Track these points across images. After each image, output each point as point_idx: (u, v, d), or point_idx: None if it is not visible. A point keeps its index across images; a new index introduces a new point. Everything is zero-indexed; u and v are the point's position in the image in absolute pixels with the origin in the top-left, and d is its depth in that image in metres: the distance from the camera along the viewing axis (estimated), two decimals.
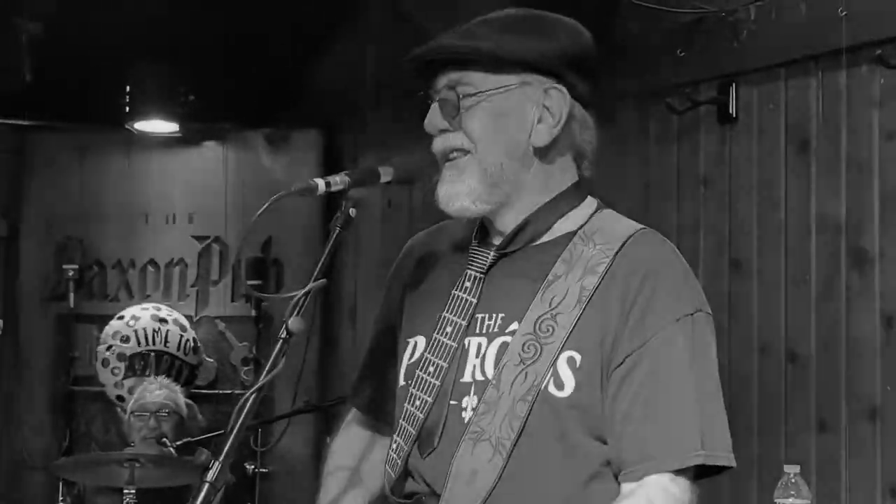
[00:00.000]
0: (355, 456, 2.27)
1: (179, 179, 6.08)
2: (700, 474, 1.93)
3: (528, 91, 1.97)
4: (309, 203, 5.32)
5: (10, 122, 6.03)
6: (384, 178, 1.97)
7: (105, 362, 5.77)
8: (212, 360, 5.94)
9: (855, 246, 3.64)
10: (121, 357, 5.75)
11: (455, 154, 1.98)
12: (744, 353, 3.85)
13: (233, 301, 6.01)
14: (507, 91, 1.96)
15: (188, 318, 5.99)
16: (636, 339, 1.91)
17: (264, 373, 1.84)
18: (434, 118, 1.99)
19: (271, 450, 5.39)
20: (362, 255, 5.84)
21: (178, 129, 5.88)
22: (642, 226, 2.01)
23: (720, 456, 1.90)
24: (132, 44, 5.69)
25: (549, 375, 1.93)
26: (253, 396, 1.81)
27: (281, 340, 1.86)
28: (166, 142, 6.06)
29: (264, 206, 1.87)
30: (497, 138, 1.98)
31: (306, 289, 1.87)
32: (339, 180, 1.90)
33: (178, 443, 4.75)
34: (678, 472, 1.88)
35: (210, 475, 1.74)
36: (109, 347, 5.79)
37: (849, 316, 3.66)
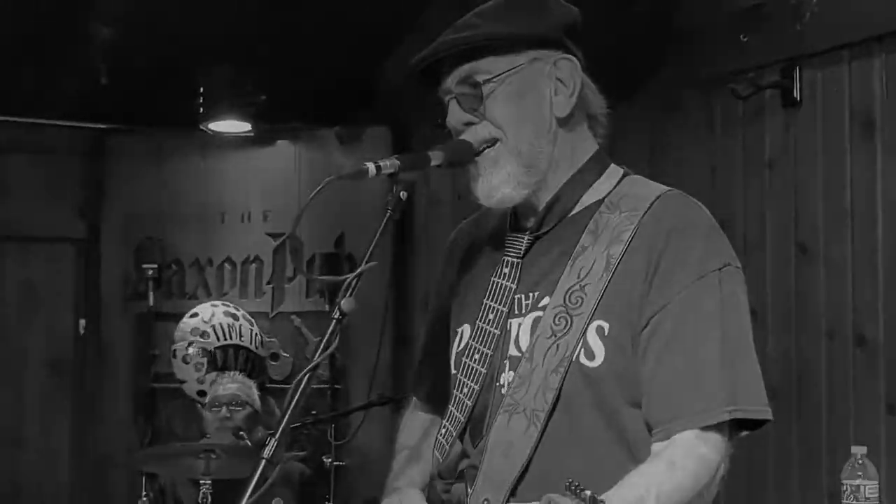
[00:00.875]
0: (418, 436, 2.33)
1: (253, 178, 6.21)
2: (741, 428, 1.96)
3: (540, 66, 2.02)
4: (381, 199, 5.57)
5: (87, 125, 6.19)
6: (434, 162, 1.99)
7: (186, 359, 5.87)
8: (288, 355, 6.04)
9: None
10: (202, 353, 5.85)
11: (485, 147, 2.02)
12: (811, 336, 3.79)
13: (307, 297, 6.09)
14: (520, 70, 2.01)
15: (264, 314, 6.10)
16: (660, 299, 1.94)
17: (319, 351, 1.87)
18: (456, 114, 2.03)
19: (348, 443, 5.45)
20: (434, 250, 5.70)
21: (251, 128, 5.98)
22: (668, 188, 2.05)
23: (752, 409, 1.93)
24: (205, 46, 5.78)
25: (579, 346, 1.96)
26: (308, 375, 1.86)
27: (334, 321, 1.88)
28: (240, 141, 6.18)
29: (317, 189, 1.90)
30: (523, 119, 2.02)
31: (358, 271, 1.90)
32: (389, 164, 1.94)
33: (250, 436, 4.81)
34: (707, 429, 1.91)
35: (266, 451, 1.79)
36: (190, 344, 5.89)
37: None
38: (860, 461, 3.11)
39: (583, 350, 1.98)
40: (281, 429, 1.82)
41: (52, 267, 6.30)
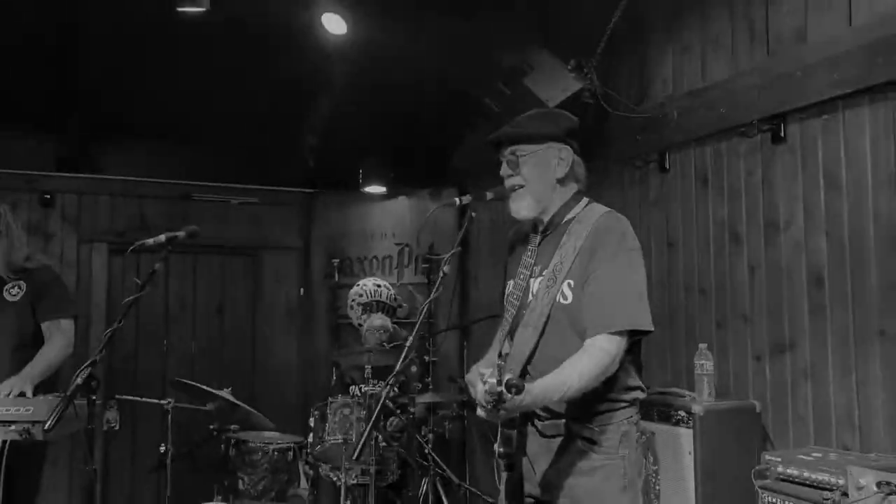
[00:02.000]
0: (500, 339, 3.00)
1: (387, 216, 7.63)
2: (636, 335, 2.64)
3: (551, 150, 2.75)
4: (452, 227, 7.22)
5: (301, 189, 7.86)
6: (489, 197, 2.75)
7: (352, 307, 7.37)
8: (405, 306, 7.43)
9: None
10: (359, 304, 7.31)
11: (517, 188, 2.75)
12: None
13: (416, 275, 7.54)
14: (539, 152, 2.75)
15: (393, 284, 7.38)
16: (593, 264, 2.62)
17: (433, 292, 2.66)
18: (505, 169, 2.75)
19: (438, 349, 7.16)
20: (480, 251, 7.22)
21: (385, 190, 7.55)
22: (608, 209, 2.74)
23: (639, 324, 2.60)
24: (362, 147, 7.39)
25: (559, 293, 2.65)
26: (428, 304, 2.68)
27: (441, 275, 2.63)
28: (379, 197, 7.65)
29: (433, 210, 2.76)
30: (538, 177, 2.75)
31: (451, 252, 2.70)
32: (467, 198, 2.76)
33: (390, 345, 6.13)
34: (612, 334, 2.57)
35: (409, 341, 2.55)
36: (353, 300, 7.35)
37: None
38: None
39: (560, 295, 2.64)
40: (415, 331, 2.58)
41: (287, 262, 7.84)
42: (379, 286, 7.36)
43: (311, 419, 5.70)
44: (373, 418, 2.75)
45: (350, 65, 6.20)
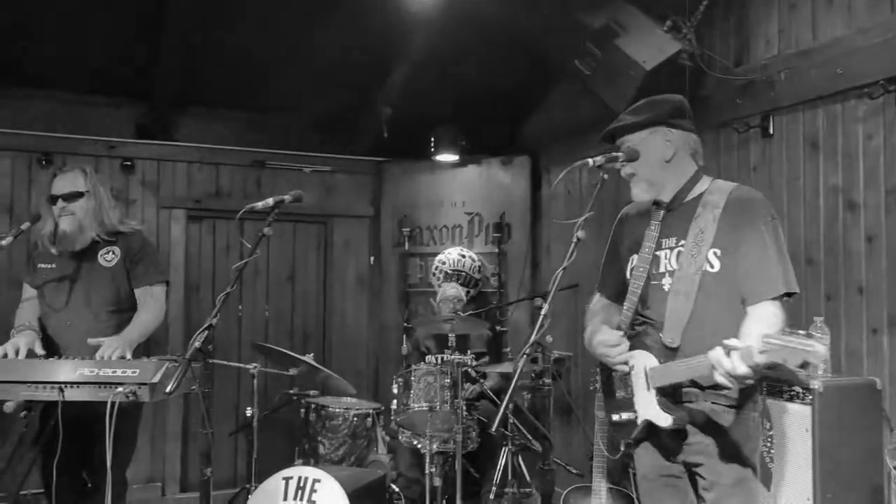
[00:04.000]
0: (600, 308, 3.17)
1: (458, 184, 7.38)
2: (789, 296, 2.71)
3: (657, 134, 2.87)
4: (523, 198, 7.13)
5: (374, 158, 7.60)
6: (621, 159, 2.86)
7: (434, 274, 7.16)
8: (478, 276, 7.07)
9: None
10: (441, 272, 7.14)
11: (631, 176, 2.90)
12: None
13: (486, 244, 7.25)
14: (645, 138, 2.88)
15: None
16: (741, 234, 2.72)
17: (566, 258, 2.63)
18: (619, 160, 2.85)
19: (509, 317, 6.94)
20: (553, 221, 6.95)
21: (457, 158, 7.25)
22: (737, 184, 2.85)
23: (793, 287, 2.70)
24: (434, 115, 7.14)
25: (705, 261, 2.73)
26: (561, 273, 2.61)
27: (575, 241, 2.66)
28: (451, 165, 7.37)
29: (561, 175, 2.78)
30: (647, 163, 2.88)
31: (585, 216, 2.69)
32: (600, 160, 2.77)
33: (464, 314, 5.95)
34: (775, 299, 2.66)
35: (544, 310, 2.54)
36: (437, 267, 7.15)
37: None
38: None
39: (707, 263, 2.73)
40: (549, 300, 2.55)
41: (357, 231, 7.60)
42: (464, 256, 7.15)
43: (395, 386, 5.55)
44: (511, 387, 2.63)
45: (429, 29, 5.94)
